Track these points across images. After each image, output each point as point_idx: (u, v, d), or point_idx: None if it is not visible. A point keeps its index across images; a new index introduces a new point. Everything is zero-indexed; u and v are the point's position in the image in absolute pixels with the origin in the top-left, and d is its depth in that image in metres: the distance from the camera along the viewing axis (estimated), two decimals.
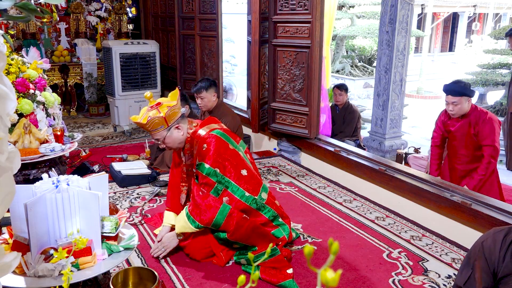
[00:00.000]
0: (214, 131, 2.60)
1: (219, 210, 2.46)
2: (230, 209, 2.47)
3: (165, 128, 2.53)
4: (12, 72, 3.12)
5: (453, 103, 3.33)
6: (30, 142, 2.99)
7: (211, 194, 2.50)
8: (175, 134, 2.58)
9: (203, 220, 2.47)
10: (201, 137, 2.58)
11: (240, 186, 2.54)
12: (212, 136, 2.56)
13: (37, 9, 0.97)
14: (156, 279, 2.00)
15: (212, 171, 2.50)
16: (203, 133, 2.60)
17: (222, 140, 2.58)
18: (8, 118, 0.90)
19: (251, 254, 0.73)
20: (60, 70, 6.45)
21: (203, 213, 2.47)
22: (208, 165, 2.50)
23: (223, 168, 2.53)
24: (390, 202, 3.50)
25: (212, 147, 2.52)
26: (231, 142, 2.63)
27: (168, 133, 2.55)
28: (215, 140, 2.55)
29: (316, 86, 4.19)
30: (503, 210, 2.83)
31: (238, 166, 2.58)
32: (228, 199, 2.51)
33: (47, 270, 1.69)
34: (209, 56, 5.70)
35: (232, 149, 2.61)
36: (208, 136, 2.57)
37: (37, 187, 1.85)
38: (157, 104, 2.52)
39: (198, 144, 2.57)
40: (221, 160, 2.53)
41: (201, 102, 3.94)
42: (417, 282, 2.48)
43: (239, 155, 2.64)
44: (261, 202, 2.61)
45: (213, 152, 2.52)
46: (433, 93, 12.73)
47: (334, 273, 0.51)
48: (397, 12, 3.93)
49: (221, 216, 2.45)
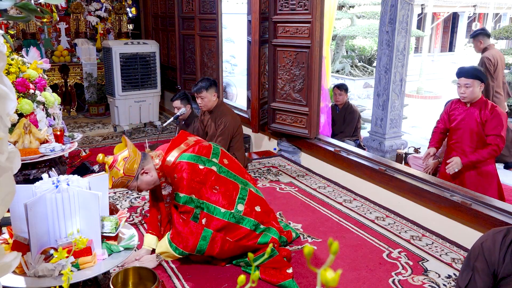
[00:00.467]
0: (181, 157, 2.53)
1: (201, 235, 2.45)
2: (212, 233, 2.46)
3: (133, 179, 2.45)
4: (12, 72, 3.12)
5: (466, 85, 3.29)
6: (30, 142, 2.99)
7: (191, 220, 2.48)
8: (145, 178, 2.50)
9: (187, 247, 2.46)
10: (169, 167, 2.52)
11: (215, 204, 2.50)
12: (179, 164, 2.50)
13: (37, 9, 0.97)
14: (156, 279, 2.00)
15: (188, 198, 2.47)
16: (171, 160, 2.53)
17: (191, 164, 2.51)
18: (8, 118, 0.90)
19: (251, 254, 0.73)
20: (60, 70, 6.45)
21: (185, 240, 2.45)
22: (183, 193, 2.47)
23: (198, 192, 2.49)
24: (390, 202, 3.50)
25: (184, 175, 2.47)
26: (201, 161, 2.55)
27: (138, 181, 2.48)
28: (184, 167, 2.49)
29: (316, 86, 4.19)
30: (503, 210, 2.83)
31: (212, 184, 2.53)
32: (206, 219, 2.49)
33: (47, 270, 1.69)
34: (209, 56, 5.70)
35: (202, 168, 2.53)
36: (176, 165, 2.50)
37: (37, 187, 1.85)
38: (114, 162, 2.42)
39: (169, 174, 2.53)
40: (194, 185, 2.48)
41: (201, 102, 3.94)
42: (417, 282, 2.48)
43: (212, 171, 2.56)
44: (239, 215, 2.54)
45: (185, 180, 2.47)
46: (433, 93, 12.73)
47: (334, 273, 0.51)
48: (397, 12, 3.93)
49: (204, 241, 2.45)
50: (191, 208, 2.48)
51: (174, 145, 2.62)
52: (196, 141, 2.68)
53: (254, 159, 4.60)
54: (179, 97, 4.27)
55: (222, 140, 3.89)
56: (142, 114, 5.79)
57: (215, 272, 2.53)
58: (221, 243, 2.46)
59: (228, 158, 2.74)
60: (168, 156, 2.55)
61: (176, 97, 4.30)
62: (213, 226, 2.48)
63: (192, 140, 2.68)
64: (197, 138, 2.75)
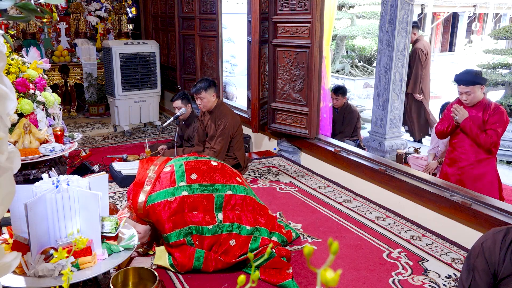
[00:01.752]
0: (148, 201, 2.46)
1: (194, 257, 2.46)
2: (204, 253, 2.47)
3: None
4: (12, 72, 3.12)
5: (467, 92, 3.29)
6: (30, 142, 2.99)
7: (187, 246, 2.48)
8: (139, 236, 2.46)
9: (183, 268, 2.47)
10: (143, 214, 2.48)
11: (200, 225, 2.48)
12: (151, 208, 2.45)
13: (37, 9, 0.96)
14: (156, 279, 2.00)
15: (174, 233, 2.44)
16: (141, 206, 2.47)
17: (160, 203, 2.44)
18: (8, 118, 0.90)
19: (251, 255, 0.73)
20: (60, 70, 6.45)
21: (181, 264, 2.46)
22: (168, 232, 2.43)
23: (180, 221, 2.45)
24: (390, 202, 3.50)
25: (160, 216, 2.43)
26: (169, 195, 2.47)
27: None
28: (156, 210, 2.43)
29: (316, 86, 4.19)
30: (503, 210, 2.83)
31: (189, 208, 2.49)
32: (198, 240, 2.49)
33: (47, 270, 1.69)
34: (209, 56, 5.70)
35: (173, 200, 2.46)
36: (148, 211, 2.46)
37: (37, 187, 1.85)
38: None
39: (148, 217, 2.50)
40: (174, 218, 2.44)
41: (200, 103, 3.94)
42: (417, 282, 2.48)
43: (183, 198, 2.48)
44: (221, 224, 2.53)
45: (163, 220, 2.42)
46: (433, 93, 12.69)
47: (334, 273, 0.51)
48: (397, 12, 3.92)
49: (198, 262, 2.47)
50: (182, 240, 2.46)
51: (138, 187, 2.54)
52: (160, 167, 2.61)
53: (254, 159, 4.61)
54: (179, 97, 4.27)
55: (222, 141, 3.89)
56: (142, 114, 5.79)
57: (215, 272, 2.53)
58: (215, 263, 2.48)
59: (196, 171, 2.60)
60: (137, 203, 2.49)
61: (176, 97, 4.30)
62: (206, 245, 2.49)
63: (153, 170, 2.59)
64: (161, 161, 2.66)
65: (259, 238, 2.57)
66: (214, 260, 2.49)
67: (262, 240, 2.57)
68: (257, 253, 2.53)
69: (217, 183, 2.61)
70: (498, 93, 8.56)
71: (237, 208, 2.60)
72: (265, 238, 2.60)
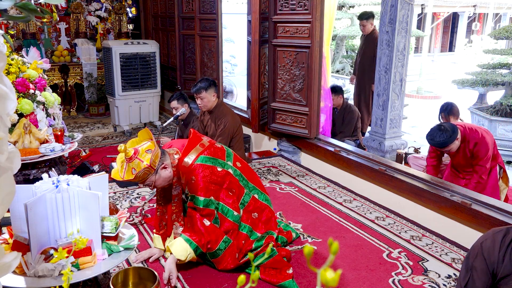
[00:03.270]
0: (198, 160, 2.49)
1: (223, 238, 2.47)
2: (232, 242, 2.48)
3: (153, 173, 2.42)
4: (12, 72, 3.12)
5: (446, 151, 3.48)
6: (30, 142, 2.99)
7: (213, 223, 2.47)
8: (163, 174, 2.47)
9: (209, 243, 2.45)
10: (187, 168, 2.49)
11: (230, 207, 2.51)
12: (197, 166, 2.47)
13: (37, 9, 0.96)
14: (156, 279, 2.00)
15: (208, 201, 2.45)
16: (188, 162, 2.50)
17: (209, 166, 2.49)
18: (8, 118, 0.90)
19: (251, 254, 0.73)
20: (60, 70, 6.45)
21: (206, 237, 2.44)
22: (202, 197, 2.45)
23: (215, 193, 2.48)
24: (390, 202, 3.50)
25: (201, 179, 2.45)
26: (217, 163, 2.53)
27: (156, 176, 2.45)
28: (202, 170, 2.46)
29: (316, 86, 4.19)
30: (503, 210, 2.83)
31: (228, 186, 2.53)
32: (220, 222, 2.49)
33: (47, 270, 1.69)
34: (209, 56, 5.70)
35: (220, 171, 2.52)
36: (194, 167, 2.48)
37: (37, 187, 1.85)
38: (135, 153, 2.37)
39: (185, 176, 2.51)
40: (212, 187, 2.47)
41: (201, 103, 3.94)
42: (417, 282, 2.48)
43: (228, 174, 2.55)
44: (239, 220, 2.56)
45: (203, 184, 2.45)
46: (433, 93, 12.73)
47: (334, 273, 0.51)
48: (397, 12, 3.92)
49: (225, 244, 2.47)
50: (212, 210, 2.47)
51: (191, 146, 2.57)
52: (210, 142, 2.66)
53: (254, 159, 4.60)
54: (176, 98, 4.28)
55: (222, 140, 3.89)
56: (142, 114, 5.79)
57: (215, 272, 2.53)
58: (232, 259, 2.48)
59: (240, 161, 2.73)
60: (186, 158, 2.52)
61: (172, 98, 4.31)
62: (224, 228, 2.49)
63: (206, 141, 2.65)
64: (209, 139, 2.72)
65: (263, 240, 2.60)
66: (232, 255, 2.48)
67: (267, 238, 2.60)
68: (258, 252, 2.54)
69: (251, 182, 2.70)
70: (498, 93, 8.56)
71: (255, 213, 2.65)
72: (272, 237, 2.64)
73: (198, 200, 2.46)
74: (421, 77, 13.09)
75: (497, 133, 7.14)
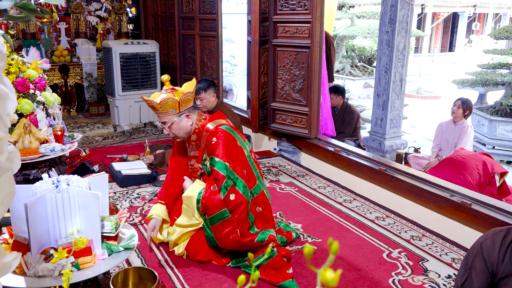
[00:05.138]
0: (223, 126, 2.58)
1: (224, 208, 2.44)
2: (228, 216, 2.45)
3: (176, 113, 2.51)
4: (12, 72, 3.12)
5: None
6: (30, 142, 2.99)
7: (220, 192, 2.45)
8: (184, 122, 2.55)
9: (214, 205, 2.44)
10: (210, 130, 2.56)
11: (245, 183, 2.53)
12: (221, 130, 2.54)
13: (37, 9, 0.96)
14: (156, 279, 2.00)
15: (223, 165, 2.46)
16: (211, 127, 2.58)
17: (231, 136, 2.56)
18: (8, 118, 0.90)
19: (251, 254, 0.73)
20: (60, 70, 6.45)
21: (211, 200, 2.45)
22: (219, 158, 2.47)
23: (233, 163, 2.49)
24: (390, 202, 3.50)
25: (221, 141, 2.50)
26: (238, 139, 2.61)
27: (177, 119, 2.53)
28: (224, 135, 2.53)
29: (316, 86, 4.19)
30: (503, 210, 2.83)
31: (242, 164, 2.56)
32: (235, 196, 2.46)
33: (47, 270, 1.69)
34: (209, 56, 5.70)
35: (239, 146, 2.59)
36: (217, 130, 2.54)
37: (37, 187, 1.85)
38: (172, 89, 2.52)
39: (206, 137, 2.55)
40: (231, 153, 2.51)
41: (200, 103, 3.94)
42: (417, 282, 2.48)
43: (244, 154, 2.62)
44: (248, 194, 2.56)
45: (223, 146, 2.49)
46: (433, 93, 12.74)
47: (334, 273, 0.51)
48: (397, 12, 3.92)
49: (226, 214, 2.43)
50: (223, 175, 2.45)
51: (217, 117, 2.67)
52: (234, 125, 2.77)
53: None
54: None
55: None
56: (142, 114, 5.79)
57: (215, 272, 2.53)
58: (230, 229, 2.43)
59: (255, 157, 2.78)
60: (209, 124, 2.60)
61: None
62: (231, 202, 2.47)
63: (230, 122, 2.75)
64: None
65: (268, 234, 2.57)
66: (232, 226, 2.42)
67: (270, 236, 2.58)
68: (258, 253, 2.54)
69: (261, 177, 2.74)
70: (498, 93, 8.57)
71: (260, 207, 2.64)
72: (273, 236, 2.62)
73: (214, 160, 2.48)
74: (421, 77, 13.10)
75: (497, 133, 7.14)
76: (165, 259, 2.64)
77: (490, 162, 3.87)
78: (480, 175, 3.76)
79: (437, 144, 4.63)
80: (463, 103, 4.37)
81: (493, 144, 7.17)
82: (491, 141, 7.18)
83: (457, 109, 4.39)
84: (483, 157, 3.97)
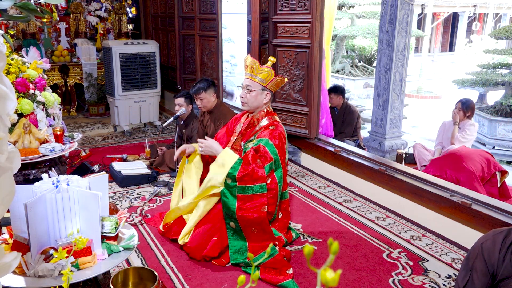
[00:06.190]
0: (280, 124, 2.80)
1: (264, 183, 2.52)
2: (264, 192, 2.52)
3: (262, 85, 2.68)
4: (12, 72, 3.12)
5: None
6: (30, 142, 2.99)
7: (264, 168, 2.55)
8: (261, 97, 2.71)
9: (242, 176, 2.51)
10: (271, 118, 2.74)
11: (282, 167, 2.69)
12: (281, 126, 2.75)
13: (37, 9, 0.97)
14: (156, 279, 1.99)
15: (274, 149, 2.60)
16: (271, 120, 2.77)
17: (285, 135, 2.76)
18: (8, 118, 0.90)
19: (251, 254, 0.73)
20: (60, 70, 6.45)
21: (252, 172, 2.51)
22: (272, 142, 2.61)
23: (281, 154, 2.64)
24: (390, 202, 3.50)
25: (278, 132, 2.66)
26: (286, 143, 2.78)
27: (260, 90, 2.68)
28: (282, 130, 2.73)
29: (316, 86, 4.19)
30: (503, 210, 2.83)
31: (284, 162, 2.71)
32: (271, 180, 2.58)
33: (47, 270, 1.69)
34: (209, 56, 5.70)
35: (285, 147, 2.76)
36: (277, 122, 2.75)
37: (37, 187, 1.85)
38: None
39: (265, 125, 2.71)
40: (281, 146, 2.65)
41: (200, 103, 3.94)
42: (417, 282, 2.48)
43: (285, 157, 2.77)
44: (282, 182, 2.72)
45: (278, 134, 2.66)
46: (433, 93, 12.74)
47: (334, 273, 0.51)
48: (397, 12, 3.93)
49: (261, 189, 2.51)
50: (271, 157, 2.58)
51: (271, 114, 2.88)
52: None
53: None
54: (184, 95, 4.32)
55: None
56: (142, 114, 5.79)
57: (215, 272, 2.53)
58: (258, 205, 2.50)
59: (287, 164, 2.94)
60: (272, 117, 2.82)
61: (180, 94, 4.35)
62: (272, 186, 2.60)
63: None
64: None
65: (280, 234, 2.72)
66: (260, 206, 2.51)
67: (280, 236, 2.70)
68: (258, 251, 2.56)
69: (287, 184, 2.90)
70: (498, 93, 8.57)
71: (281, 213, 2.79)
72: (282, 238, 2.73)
73: (267, 142, 2.60)
74: (421, 77, 13.11)
75: (497, 133, 7.15)
76: (165, 259, 2.64)
77: (493, 160, 3.89)
78: (483, 168, 3.77)
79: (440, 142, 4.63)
80: (463, 104, 4.33)
81: (493, 144, 7.17)
82: (491, 141, 7.18)
83: (457, 111, 4.36)
84: (486, 154, 4.00)
